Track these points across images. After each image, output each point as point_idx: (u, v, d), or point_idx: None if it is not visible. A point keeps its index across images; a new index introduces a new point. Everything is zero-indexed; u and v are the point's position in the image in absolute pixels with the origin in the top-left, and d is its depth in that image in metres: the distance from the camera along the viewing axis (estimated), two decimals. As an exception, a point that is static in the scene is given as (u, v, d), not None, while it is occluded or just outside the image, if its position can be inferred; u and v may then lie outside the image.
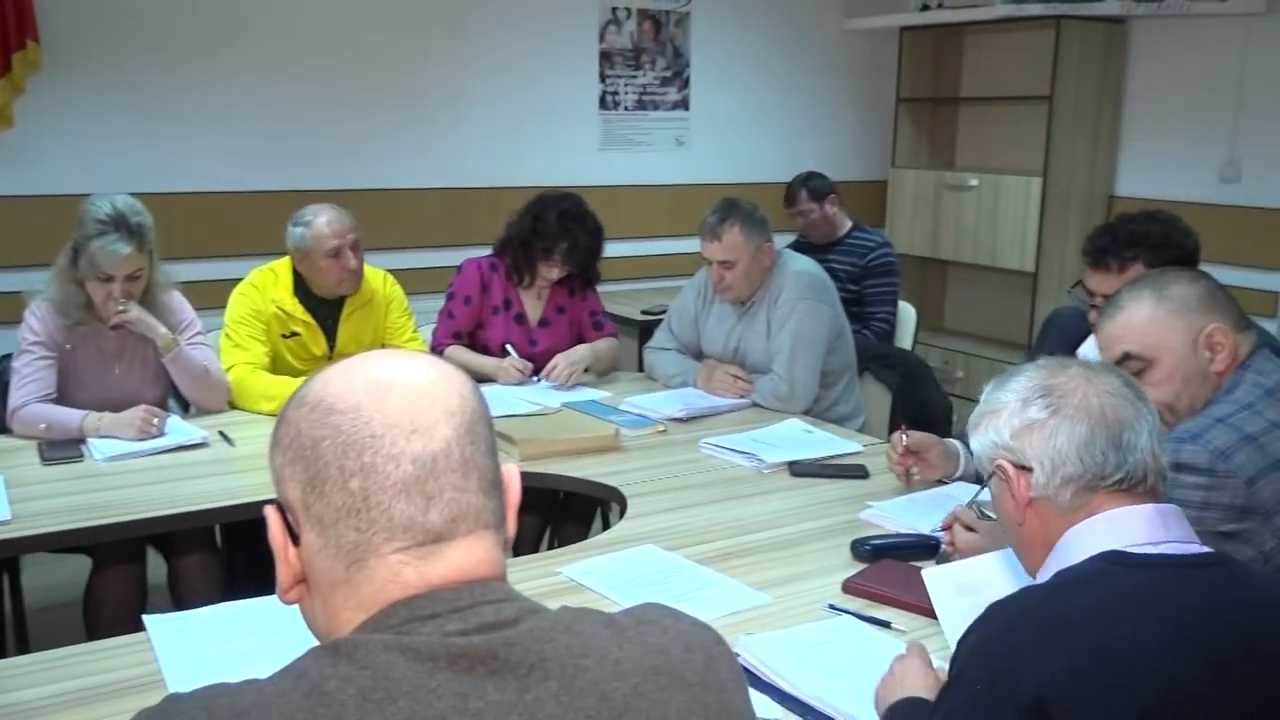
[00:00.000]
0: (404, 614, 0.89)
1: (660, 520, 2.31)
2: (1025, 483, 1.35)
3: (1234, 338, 1.79)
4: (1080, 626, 1.17)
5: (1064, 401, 1.33)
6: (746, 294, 3.26)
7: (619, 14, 5.14)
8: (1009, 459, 1.37)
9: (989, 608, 1.25)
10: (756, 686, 1.59)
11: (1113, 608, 1.19)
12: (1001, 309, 5.53)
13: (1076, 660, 1.14)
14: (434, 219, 4.83)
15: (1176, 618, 1.18)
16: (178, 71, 4.27)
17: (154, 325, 2.88)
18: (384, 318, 3.33)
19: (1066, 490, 1.32)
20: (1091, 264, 2.40)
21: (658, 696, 0.91)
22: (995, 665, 1.18)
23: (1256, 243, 4.55)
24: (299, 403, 0.96)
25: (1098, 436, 1.31)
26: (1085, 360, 1.40)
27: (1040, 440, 1.33)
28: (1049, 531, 1.35)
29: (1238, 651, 1.17)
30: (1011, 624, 1.21)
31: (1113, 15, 4.84)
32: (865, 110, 5.85)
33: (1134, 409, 1.33)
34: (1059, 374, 1.37)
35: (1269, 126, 4.51)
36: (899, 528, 2.25)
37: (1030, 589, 1.31)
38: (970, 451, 2.50)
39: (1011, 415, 1.37)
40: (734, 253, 3.17)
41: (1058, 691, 1.13)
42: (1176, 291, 1.82)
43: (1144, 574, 1.23)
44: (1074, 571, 1.27)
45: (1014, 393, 1.38)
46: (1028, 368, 1.41)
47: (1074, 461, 1.31)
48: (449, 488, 0.92)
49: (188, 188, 4.32)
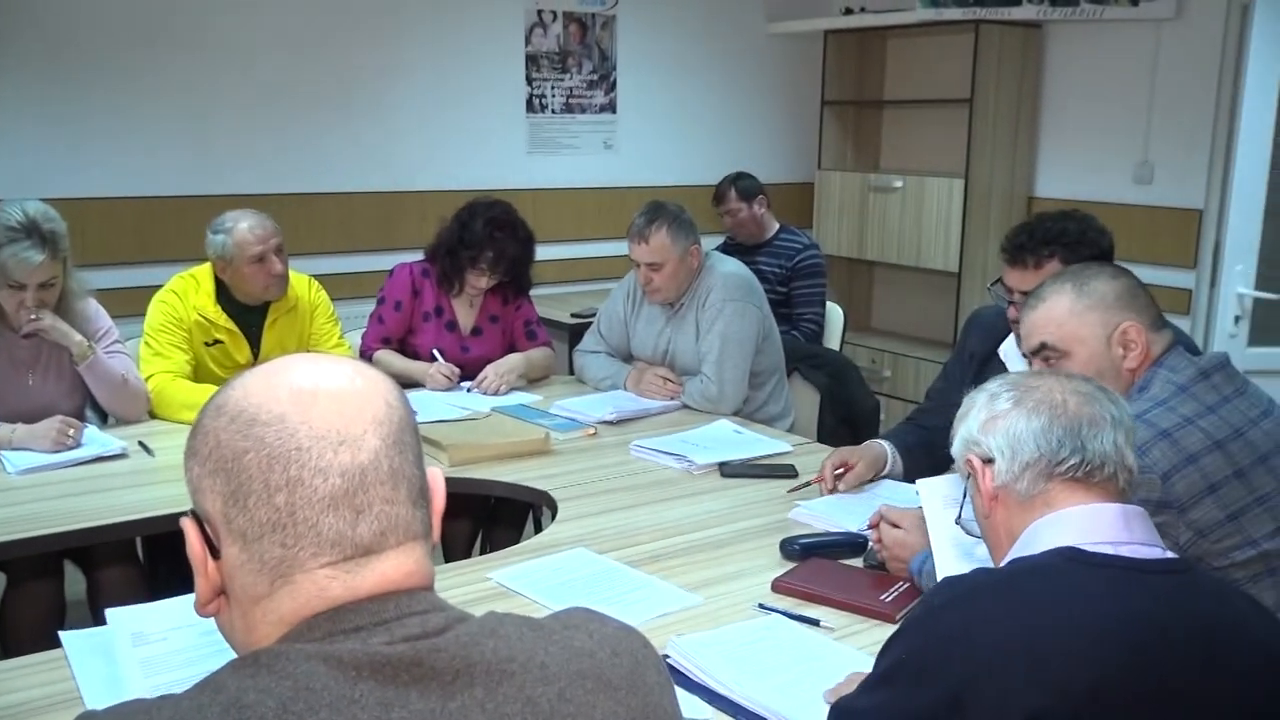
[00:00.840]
0: (327, 627, 0.88)
1: (591, 523, 2.31)
2: (990, 474, 1.39)
3: (1147, 336, 1.84)
4: (1019, 619, 1.18)
5: (1028, 395, 1.38)
6: (674, 296, 3.27)
7: (545, 17, 5.13)
8: (976, 453, 1.41)
9: (939, 583, 1.27)
10: (687, 687, 1.59)
11: (1058, 604, 1.20)
12: (927, 308, 5.62)
13: (1011, 651, 1.15)
14: (361, 223, 4.77)
15: (1120, 622, 1.18)
16: (94, 73, 4.16)
17: (68, 333, 2.80)
18: (309, 324, 3.29)
19: (1024, 477, 1.34)
20: (1009, 261, 2.44)
21: (584, 701, 0.91)
22: (928, 639, 1.20)
23: (1169, 242, 4.67)
24: (217, 411, 0.93)
25: (1055, 425, 1.34)
26: (1064, 371, 1.47)
27: (1002, 429, 1.37)
28: (1012, 524, 1.37)
29: (1178, 664, 1.17)
30: (952, 602, 1.23)
31: (1029, 20, 4.94)
32: (791, 113, 5.90)
33: (1101, 408, 1.36)
34: (1036, 377, 1.43)
35: (1180, 129, 4.63)
36: (827, 526, 2.27)
37: (983, 571, 1.33)
38: (897, 450, 2.57)
39: (979, 410, 1.42)
40: (661, 254, 3.18)
41: (983, 680, 1.14)
42: (1096, 287, 1.86)
43: (1097, 573, 1.23)
44: (1029, 562, 1.28)
45: (986, 391, 1.43)
46: (1001, 376, 1.48)
47: (1030, 447, 1.34)
48: (378, 500, 0.91)
49: (105, 192, 4.21)
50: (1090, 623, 1.17)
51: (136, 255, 4.24)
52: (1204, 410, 1.75)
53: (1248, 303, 4.22)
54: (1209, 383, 1.80)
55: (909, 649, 1.22)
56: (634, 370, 3.34)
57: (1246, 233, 4.19)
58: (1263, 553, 1.69)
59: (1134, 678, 1.15)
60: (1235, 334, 4.24)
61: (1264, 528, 1.70)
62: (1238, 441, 1.73)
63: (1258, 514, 1.70)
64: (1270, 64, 4.04)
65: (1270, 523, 1.70)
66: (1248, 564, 1.69)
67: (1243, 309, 4.22)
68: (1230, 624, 1.23)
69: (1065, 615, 1.18)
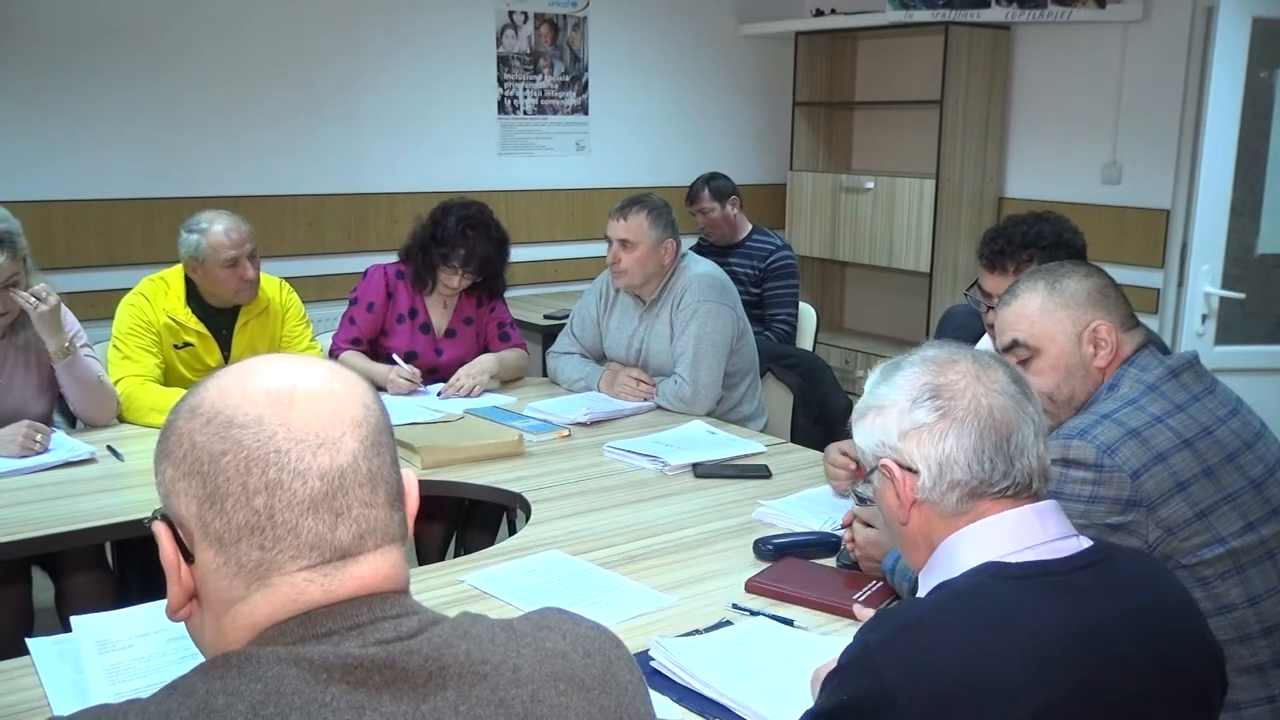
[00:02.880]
0: (299, 631, 0.87)
1: (565, 525, 2.31)
2: (911, 484, 1.33)
3: (1117, 335, 1.86)
4: (955, 654, 1.16)
5: (953, 404, 1.31)
6: (639, 283, 3.27)
7: (516, 18, 5.12)
8: (895, 459, 1.34)
9: (877, 614, 1.26)
10: (664, 688, 1.59)
11: (990, 632, 1.18)
12: (898, 308, 5.65)
13: (947, 690, 1.14)
14: (332, 225, 4.74)
15: (1052, 640, 1.17)
16: (56, 73, 4.12)
17: (61, 326, 2.77)
18: (280, 326, 3.26)
19: (952, 495, 1.31)
20: (988, 267, 2.46)
21: (557, 702, 0.91)
22: (863, 685, 1.17)
23: (1137, 241, 4.72)
24: (191, 413, 0.92)
25: (986, 442, 1.29)
26: (975, 352, 1.39)
27: (928, 444, 1.31)
28: (932, 533, 1.34)
29: (1111, 666, 1.18)
30: (887, 642, 1.19)
31: (998, 22, 4.97)
32: (763, 114, 5.92)
33: (1021, 410, 1.32)
34: (948, 371, 1.34)
35: (1147, 129, 4.68)
36: (791, 525, 2.27)
37: (911, 604, 1.30)
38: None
39: (900, 415, 1.34)
40: (635, 234, 3.20)
41: (926, 715, 1.13)
42: (1068, 285, 1.88)
43: (1023, 587, 1.23)
44: (954, 586, 1.26)
45: (901, 390, 1.35)
46: (915, 360, 1.37)
47: (962, 468, 1.30)
48: (357, 503, 0.90)
49: (69, 194, 4.17)
50: (1026, 639, 1.17)
51: (101, 258, 4.20)
52: (1173, 409, 1.77)
53: (1215, 302, 4.26)
54: (1178, 381, 1.81)
55: (852, 693, 1.18)
56: (607, 371, 3.34)
57: (1213, 232, 4.23)
58: (1231, 550, 1.70)
59: (1071, 688, 1.15)
60: (1203, 333, 4.28)
61: (1232, 525, 1.71)
62: (1206, 440, 1.74)
63: (1226, 512, 1.71)
64: (1234, 65, 4.09)
65: (1238, 520, 1.72)
66: (1216, 561, 1.70)
67: (1210, 308, 4.27)
68: (1159, 611, 1.25)
69: (1004, 640, 1.17)
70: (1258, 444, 1.80)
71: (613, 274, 3.30)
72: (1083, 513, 1.70)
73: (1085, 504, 1.70)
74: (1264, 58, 4.19)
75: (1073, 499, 1.71)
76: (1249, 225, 4.39)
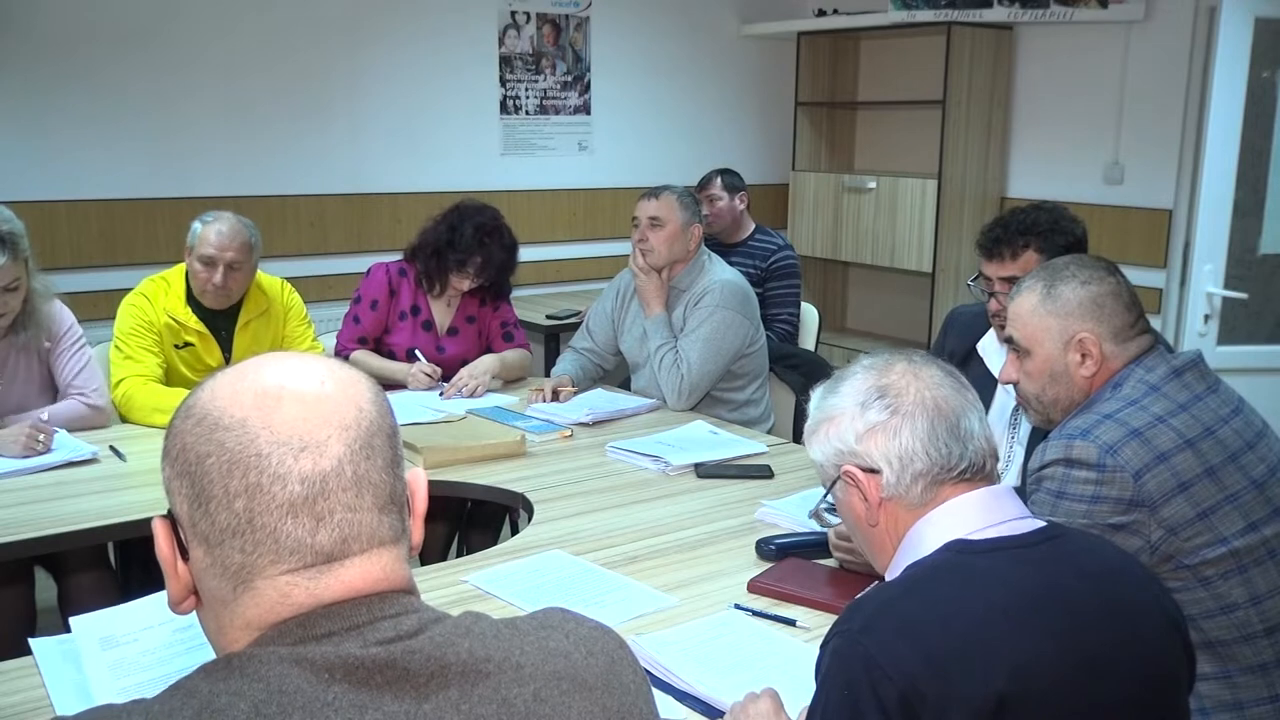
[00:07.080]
0: (300, 632, 0.87)
1: (567, 525, 2.31)
2: (876, 484, 1.36)
3: (1104, 348, 1.84)
4: (933, 620, 1.19)
5: (900, 400, 1.35)
6: (664, 263, 3.28)
7: (518, 18, 5.12)
8: (856, 463, 1.37)
9: (847, 608, 1.27)
10: (659, 687, 1.59)
11: (962, 596, 1.22)
12: (901, 308, 5.64)
13: (931, 655, 1.15)
14: (335, 226, 4.74)
15: (1020, 600, 1.21)
16: (60, 75, 4.12)
17: None
18: (282, 327, 3.27)
19: (917, 486, 1.34)
20: (986, 255, 2.46)
21: (559, 702, 0.90)
22: (855, 669, 1.18)
23: (1139, 241, 4.71)
24: (185, 414, 0.92)
25: (939, 429, 1.34)
26: (907, 353, 1.42)
27: (885, 440, 1.35)
28: (899, 529, 1.37)
29: (1077, 625, 1.21)
30: (867, 624, 1.21)
31: (1000, 22, 4.97)
32: (765, 114, 5.91)
33: (961, 398, 1.37)
34: (888, 373, 1.38)
35: (1149, 129, 4.67)
36: (793, 525, 2.27)
37: (883, 587, 1.32)
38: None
39: (853, 420, 1.37)
40: (666, 212, 3.25)
41: (919, 688, 1.14)
42: (1063, 292, 1.87)
43: (988, 558, 1.27)
44: (923, 564, 1.29)
45: (849, 397, 1.39)
46: (854, 370, 1.42)
47: (921, 456, 1.33)
48: (340, 508, 0.89)
49: (71, 195, 4.17)
50: (997, 598, 1.21)
51: (103, 259, 4.20)
52: (1176, 409, 1.76)
53: (1217, 302, 4.26)
54: (1181, 381, 1.81)
55: (849, 683, 1.19)
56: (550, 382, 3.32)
57: (1215, 232, 4.23)
58: (1233, 550, 1.70)
59: (1045, 651, 1.18)
60: (1205, 333, 4.28)
61: (1234, 525, 1.71)
62: (1209, 440, 1.74)
63: (1228, 512, 1.71)
64: (1236, 65, 4.09)
65: (1240, 520, 1.72)
66: (1218, 561, 1.70)
67: (1212, 308, 4.27)
68: (1116, 578, 1.29)
69: (976, 602, 1.21)
70: (1260, 444, 1.80)
71: (641, 253, 3.30)
72: (1085, 512, 1.69)
73: (1088, 504, 1.70)
74: (1266, 58, 4.19)
75: (1076, 499, 1.71)
76: (1251, 225, 4.39)
